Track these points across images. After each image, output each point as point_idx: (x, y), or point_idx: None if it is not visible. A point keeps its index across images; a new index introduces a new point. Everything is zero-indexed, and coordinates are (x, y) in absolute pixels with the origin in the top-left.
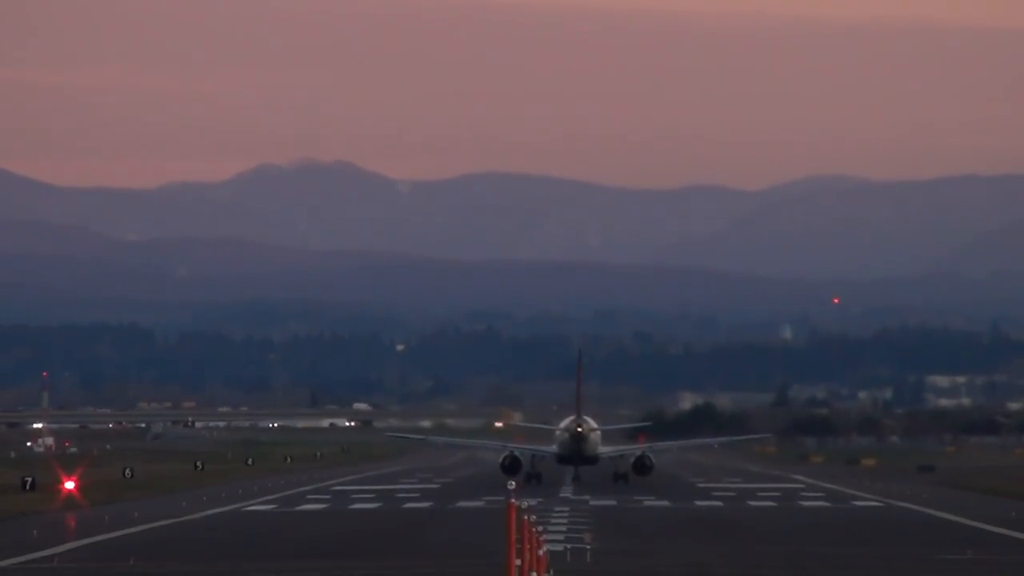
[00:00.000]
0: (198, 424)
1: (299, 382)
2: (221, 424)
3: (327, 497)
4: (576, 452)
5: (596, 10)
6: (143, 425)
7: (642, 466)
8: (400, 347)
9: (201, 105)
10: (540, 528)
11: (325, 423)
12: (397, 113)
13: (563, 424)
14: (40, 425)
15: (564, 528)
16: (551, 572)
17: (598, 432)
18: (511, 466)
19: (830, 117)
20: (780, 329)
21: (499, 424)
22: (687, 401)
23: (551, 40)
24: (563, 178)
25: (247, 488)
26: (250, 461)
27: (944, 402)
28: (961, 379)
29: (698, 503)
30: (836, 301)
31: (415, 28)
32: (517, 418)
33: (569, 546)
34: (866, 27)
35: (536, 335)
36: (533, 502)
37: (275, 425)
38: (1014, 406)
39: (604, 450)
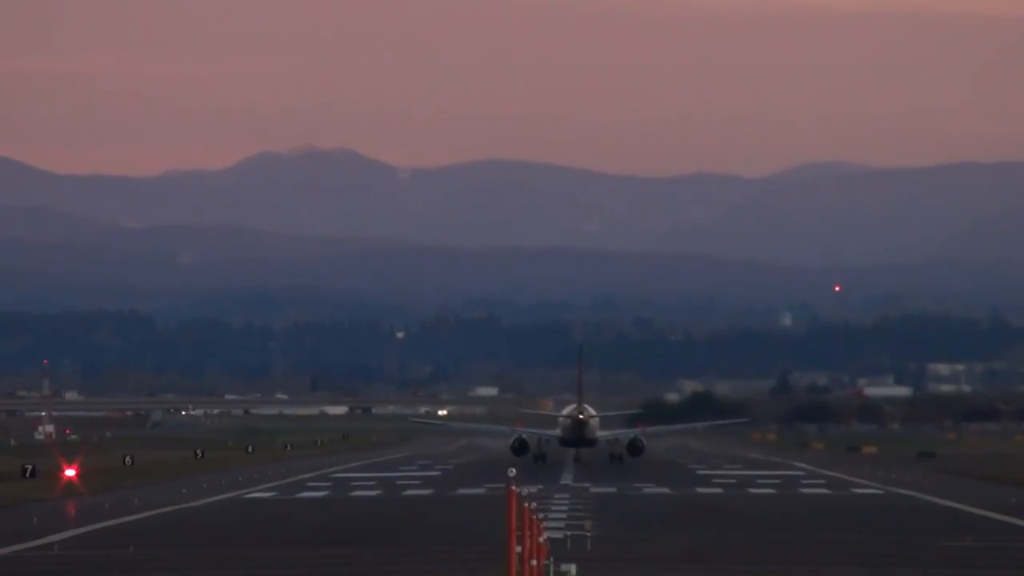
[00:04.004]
0: (195, 411)
1: (299, 369)
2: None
3: (327, 484)
4: (577, 436)
5: None
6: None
7: (635, 448)
8: (400, 334)
9: (202, 92)
10: (541, 515)
11: (322, 410)
12: (398, 100)
13: (566, 411)
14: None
15: (565, 515)
16: (552, 559)
17: (597, 418)
18: (520, 448)
19: (831, 104)
20: (780, 316)
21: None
22: (687, 388)
23: (552, 28)
24: (563, 165)
25: (247, 475)
26: (250, 448)
27: (944, 388)
28: (961, 366)
29: (698, 490)
30: (838, 288)
31: (416, 15)
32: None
33: (570, 533)
34: (866, 14)
35: (536, 322)
36: (534, 489)
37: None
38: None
39: (602, 434)
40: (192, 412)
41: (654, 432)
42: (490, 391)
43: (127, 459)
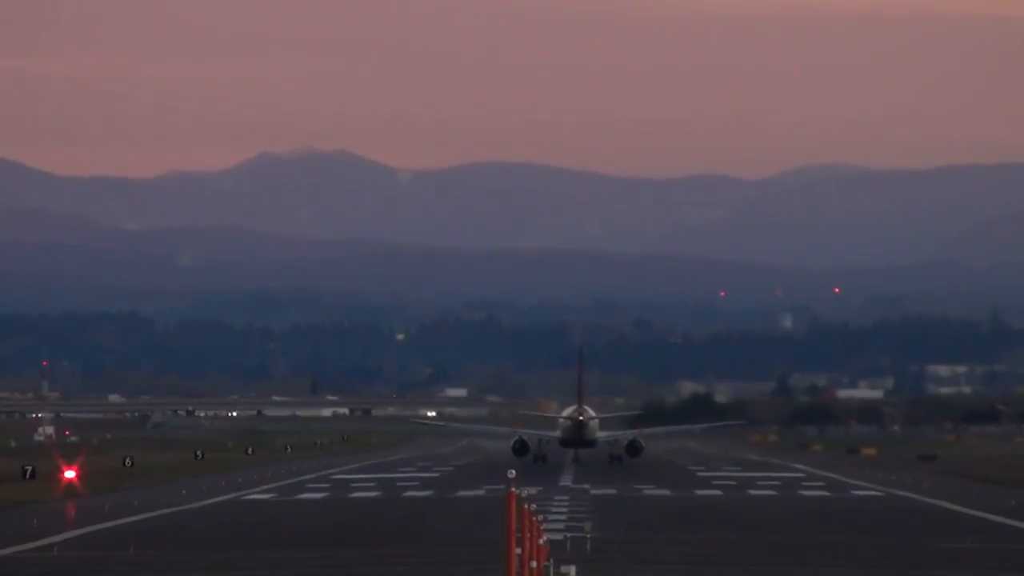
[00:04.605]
0: (199, 413)
1: (299, 371)
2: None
3: (327, 486)
4: (577, 437)
5: (595, 0)
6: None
7: (633, 449)
8: (400, 336)
9: (202, 94)
10: (540, 517)
11: (334, 412)
12: (398, 102)
13: (566, 413)
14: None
15: (564, 517)
16: (551, 561)
17: (596, 420)
18: (520, 449)
19: (831, 105)
20: (780, 318)
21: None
22: (687, 390)
23: (551, 30)
24: (563, 167)
25: (247, 477)
26: (250, 450)
27: (944, 391)
28: (961, 368)
29: (698, 492)
30: (837, 291)
31: (416, 17)
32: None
33: (569, 535)
34: (868, 15)
35: (536, 324)
36: (534, 491)
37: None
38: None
39: (601, 435)
40: (199, 415)
41: (652, 433)
42: (459, 392)
43: (127, 460)
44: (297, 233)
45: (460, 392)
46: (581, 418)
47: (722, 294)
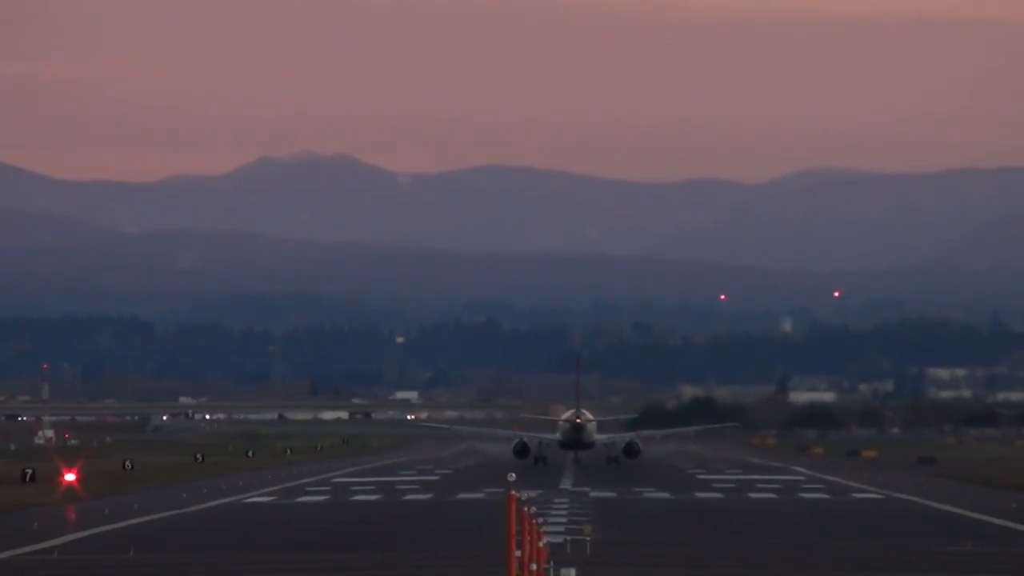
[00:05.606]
0: (197, 416)
1: (299, 374)
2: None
3: (327, 489)
4: (575, 439)
5: (595, 3)
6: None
7: (631, 450)
8: (400, 339)
9: (202, 98)
10: (540, 520)
11: (326, 415)
12: (397, 106)
13: (565, 416)
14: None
15: (564, 520)
16: (551, 564)
17: (594, 423)
18: (521, 451)
19: (830, 109)
20: (780, 321)
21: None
22: (686, 393)
23: (550, 33)
24: (562, 171)
25: (247, 480)
26: (250, 453)
27: (944, 394)
28: (961, 371)
29: (698, 495)
30: (837, 294)
31: (416, 21)
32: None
33: (569, 538)
34: (867, 19)
35: (536, 327)
36: (533, 494)
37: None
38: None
39: (599, 437)
40: (208, 417)
41: (648, 436)
42: (410, 394)
43: (127, 463)
44: (297, 236)
45: (411, 394)
46: (579, 421)
47: (722, 297)
